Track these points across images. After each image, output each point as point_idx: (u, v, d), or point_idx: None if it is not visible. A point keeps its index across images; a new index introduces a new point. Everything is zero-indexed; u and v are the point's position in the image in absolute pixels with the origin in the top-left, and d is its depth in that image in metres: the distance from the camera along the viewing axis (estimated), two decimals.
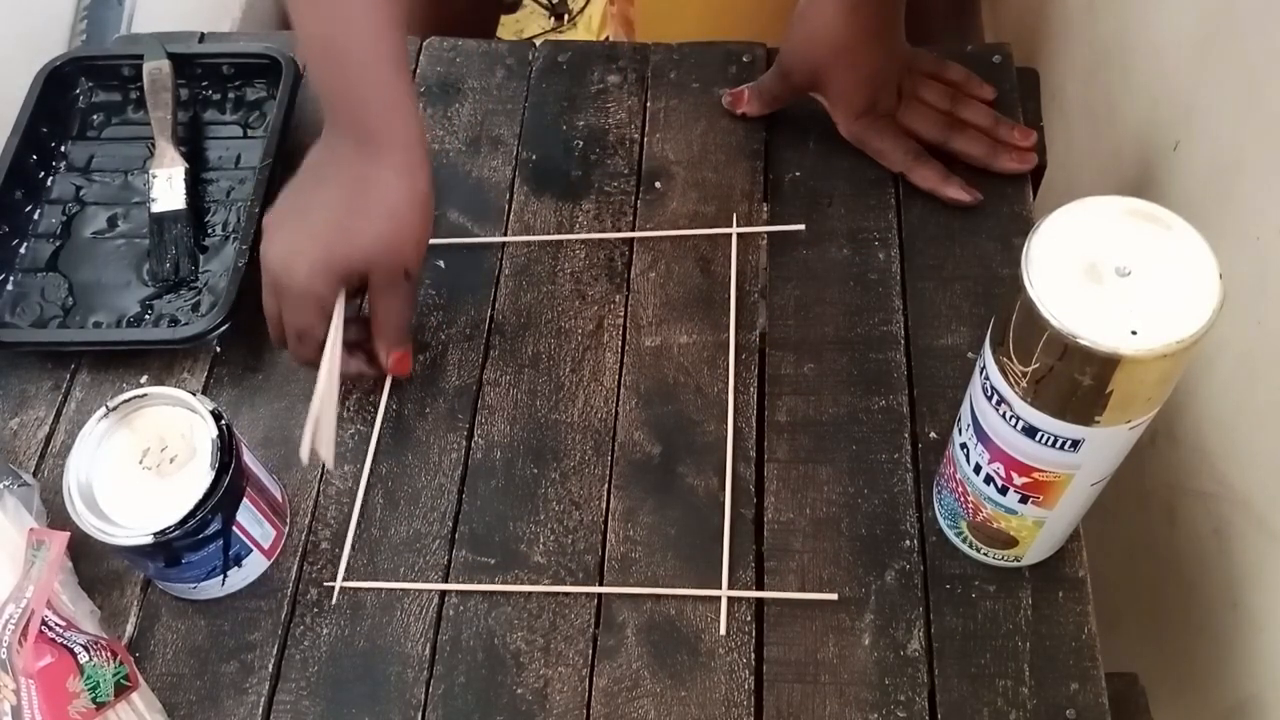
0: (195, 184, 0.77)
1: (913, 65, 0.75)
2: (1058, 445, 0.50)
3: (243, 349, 0.72)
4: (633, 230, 0.75)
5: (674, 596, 0.62)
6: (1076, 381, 0.46)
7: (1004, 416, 0.50)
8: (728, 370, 0.68)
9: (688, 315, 0.71)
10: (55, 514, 0.64)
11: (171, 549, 0.58)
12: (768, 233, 0.74)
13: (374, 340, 0.66)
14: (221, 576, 0.62)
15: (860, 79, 0.73)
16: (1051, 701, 0.57)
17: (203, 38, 0.86)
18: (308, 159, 0.64)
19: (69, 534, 0.58)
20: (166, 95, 0.79)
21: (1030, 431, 0.50)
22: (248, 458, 0.61)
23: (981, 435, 0.53)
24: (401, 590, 0.63)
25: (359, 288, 0.64)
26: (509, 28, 1.54)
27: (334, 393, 0.63)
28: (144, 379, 0.71)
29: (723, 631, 0.61)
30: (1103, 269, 0.45)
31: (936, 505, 0.63)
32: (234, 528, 0.60)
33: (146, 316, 0.73)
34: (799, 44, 0.73)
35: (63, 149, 0.80)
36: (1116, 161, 0.77)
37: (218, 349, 0.72)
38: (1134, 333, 0.44)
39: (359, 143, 0.61)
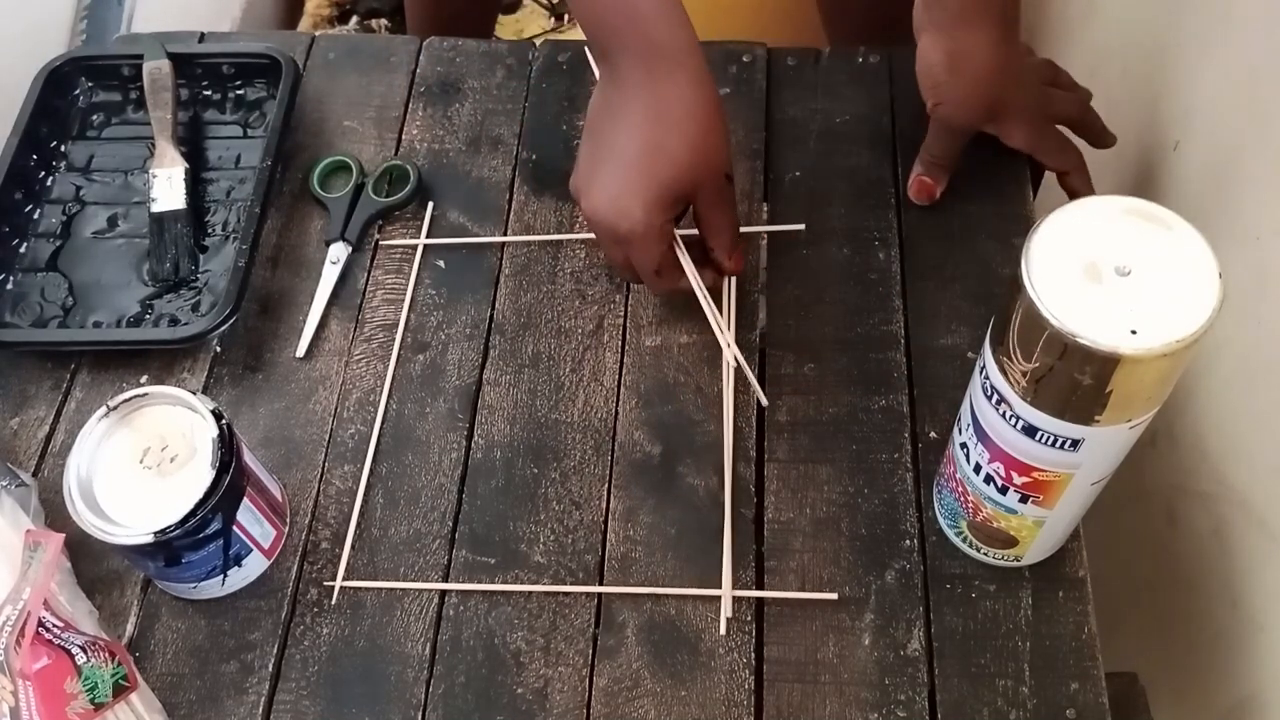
0: (195, 184, 0.77)
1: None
2: (1057, 445, 0.50)
3: (243, 349, 0.72)
4: None
5: (674, 596, 0.62)
6: (1076, 381, 0.46)
7: (1004, 416, 0.50)
8: (728, 370, 0.68)
9: (688, 315, 0.71)
10: (55, 513, 0.64)
11: (171, 548, 0.58)
12: (768, 232, 0.74)
13: (712, 249, 0.66)
14: (221, 576, 0.62)
15: (1032, 94, 0.73)
16: (1051, 701, 0.57)
17: (203, 38, 0.86)
18: (592, 107, 0.64)
19: (65, 535, 0.59)
20: (166, 95, 0.79)
21: (1030, 431, 0.50)
22: (248, 457, 0.61)
23: (981, 435, 0.53)
24: (401, 590, 0.63)
25: (684, 208, 0.64)
26: (509, 28, 1.54)
27: (709, 297, 0.66)
28: (144, 379, 0.71)
29: (723, 631, 0.61)
30: (1103, 269, 0.45)
31: (936, 505, 0.63)
32: (234, 527, 0.60)
33: (146, 316, 0.73)
34: (966, 95, 0.70)
35: (63, 149, 0.80)
36: (1116, 161, 0.77)
37: (218, 349, 0.72)
38: (1134, 332, 0.44)
39: (647, 61, 0.61)
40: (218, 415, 0.59)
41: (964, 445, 0.55)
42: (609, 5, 0.61)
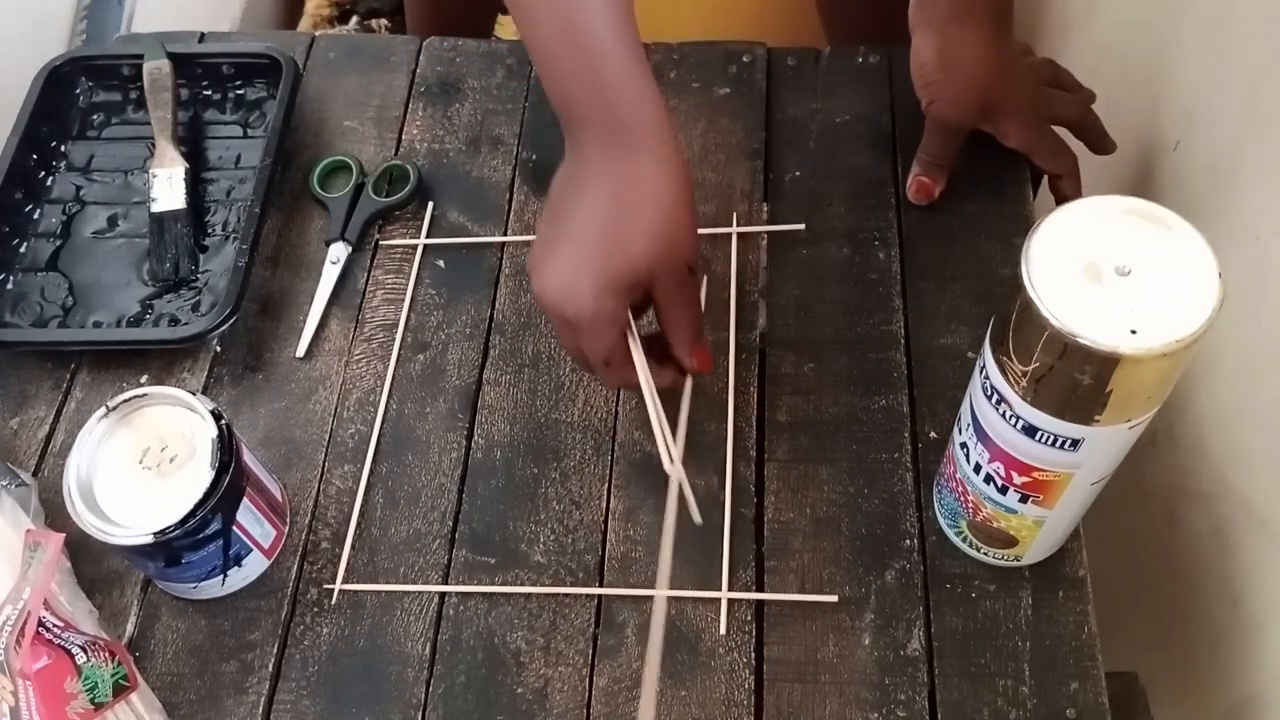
0: (195, 184, 0.77)
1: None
2: (1057, 444, 0.50)
3: (243, 349, 0.72)
4: None
5: (674, 597, 0.62)
6: (1076, 381, 0.46)
7: (1004, 416, 0.50)
8: (728, 370, 0.68)
9: None
10: (55, 513, 0.64)
11: (171, 549, 0.58)
12: (768, 232, 0.74)
13: (672, 345, 0.61)
14: (221, 576, 0.62)
15: (1029, 92, 0.73)
16: (1051, 701, 0.57)
17: (203, 38, 0.86)
18: (555, 181, 0.60)
19: (64, 535, 0.58)
20: (166, 95, 0.79)
21: (1030, 431, 0.50)
22: (248, 457, 0.61)
23: (981, 435, 0.53)
24: (401, 590, 0.63)
25: (645, 299, 0.59)
26: (509, 28, 1.54)
27: (658, 401, 0.60)
28: (144, 379, 0.71)
29: (723, 631, 0.61)
30: (1102, 268, 0.45)
31: (936, 505, 0.63)
32: (234, 527, 0.60)
33: (146, 316, 0.73)
34: (959, 92, 0.70)
35: (63, 149, 0.80)
36: (1117, 161, 0.77)
37: (218, 349, 0.72)
38: (1133, 332, 0.44)
39: (611, 137, 0.57)
40: (217, 415, 0.59)
41: (964, 445, 0.55)
42: (573, 75, 0.57)
